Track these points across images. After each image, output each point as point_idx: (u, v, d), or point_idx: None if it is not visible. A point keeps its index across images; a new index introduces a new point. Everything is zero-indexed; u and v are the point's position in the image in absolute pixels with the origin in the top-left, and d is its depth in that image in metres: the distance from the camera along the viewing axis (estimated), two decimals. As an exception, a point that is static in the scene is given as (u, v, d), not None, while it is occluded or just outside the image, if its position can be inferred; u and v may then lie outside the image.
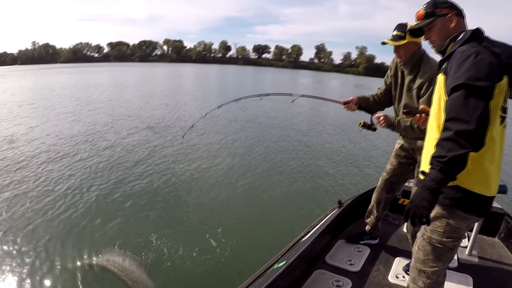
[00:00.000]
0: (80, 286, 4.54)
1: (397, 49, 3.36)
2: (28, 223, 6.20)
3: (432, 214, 2.12)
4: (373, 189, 4.16)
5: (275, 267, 3.22)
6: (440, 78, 2.19)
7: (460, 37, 2.17)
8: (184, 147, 11.44)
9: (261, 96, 4.54)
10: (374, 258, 3.85)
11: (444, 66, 2.17)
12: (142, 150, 10.97)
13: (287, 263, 3.11)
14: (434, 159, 1.92)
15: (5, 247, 5.45)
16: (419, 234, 2.39)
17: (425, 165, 2.19)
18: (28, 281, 4.63)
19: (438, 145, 1.93)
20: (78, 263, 4.99)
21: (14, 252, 5.32)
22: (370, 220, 4.11)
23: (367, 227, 4.14)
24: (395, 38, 3.30)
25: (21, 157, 10.04)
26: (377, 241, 4.18)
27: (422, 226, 2.31)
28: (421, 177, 2.06)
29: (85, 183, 8.09)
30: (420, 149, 3.24)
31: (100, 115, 17.45)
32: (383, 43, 3.39)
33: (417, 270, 2.37)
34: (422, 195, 1.95)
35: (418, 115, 2.93)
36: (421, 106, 3.06)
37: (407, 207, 2.04)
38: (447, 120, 1.92)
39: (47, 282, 4.61)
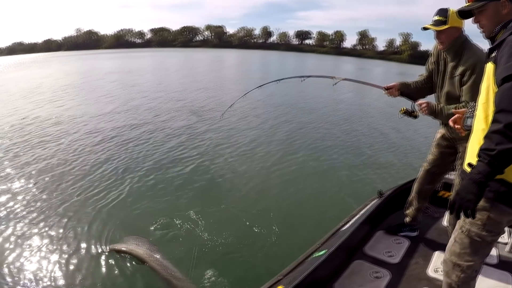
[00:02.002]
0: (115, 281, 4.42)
1: (438, 35, 3.25)
2: (64, 203, 6.33)
3: None
4: (414, 180, 4.07)
5: (315, 255, 3.24)
6: (489, 67, 2.06)
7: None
8: (222, 129, 11.57)
9: (302, 78, 4.55)
10: (413, 251, 3.78)
11: (493, 54, 2.04)
12: (181, 132, 11.08)
13: (327, 252, 3.10)
14: (482, 151, 1.84)
15: (40, 227, 5.56)
16: (457, 227, 2.31)
17: (471, 156, 2.10)
18: (58, 268, 4.60)
19: (486, 137, 1.85)
20: (115, 254, 4.86)
21: (46, 233, 5.40)
22: (410, 211, 4.05)
23: (407, 219, 4.08)
24: (436, 23, 3.20)
25: (62, 137, 10.50)
26: (416, 233, 4.10)
27: (461, 219, 2.23)
28: (468, 169, 1.98)
29: (122, 165, 8.27)
30: (462, 139, 3.14)
31: (141, 98, 17.85)
32: (424, 28, 3.29)
33: (451, 263, 2.32)
34: (468, 188, 1.88)
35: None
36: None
37: (452, 200, 1.98)
38: (497, 112, 1.82)
39: (77, 272, 4.53)
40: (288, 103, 17.02)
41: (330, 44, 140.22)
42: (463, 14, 2.42)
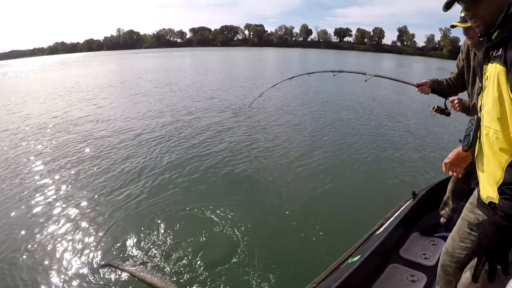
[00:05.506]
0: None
1: (466, 31, 3.16)
2: (99, 202, 6.40)
3: None
4: (448, 179, 3.95)
5: (349, 261, 3.19)
6: (494, 69, 1.60)
7: None
8: (254, 125, 11.65)
9: (334, 72, 4.53)
10: None
11: (499, 53, 1.59)
12: (215, 129, 11.09)
13: (361, 258, 3.06)
14: (507, 187, 1.44)
15: (63, 225, 5.60)
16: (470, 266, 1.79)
17: (486, 189, 1.71)
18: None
19: (511, 166, 1.48)
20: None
21: (69, 236, 5.32)
22: (445, 212, 3.93)
23: (442, 220, 3.97)
24: (464, 20, 3.10)
25: (96, 135, 10.84)
26: (451, 233, 3.97)
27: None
28: (485, 200, 1.67)
29: (154, 162, 8.35)
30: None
31: (178, 97, 18.24)
32: (452, 26, 3.22)
33: None
34: (493, 236, 1.46)
35: None
36: None
37: (471, 250, 1.58)
38: None
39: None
40: (320, 100, 16.95)
41: (370, 41, 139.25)
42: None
